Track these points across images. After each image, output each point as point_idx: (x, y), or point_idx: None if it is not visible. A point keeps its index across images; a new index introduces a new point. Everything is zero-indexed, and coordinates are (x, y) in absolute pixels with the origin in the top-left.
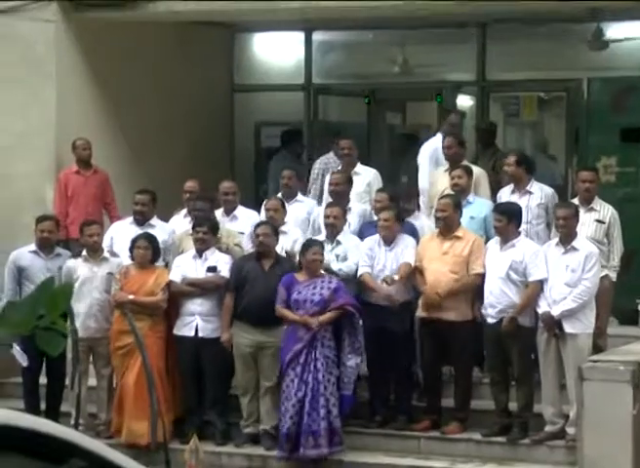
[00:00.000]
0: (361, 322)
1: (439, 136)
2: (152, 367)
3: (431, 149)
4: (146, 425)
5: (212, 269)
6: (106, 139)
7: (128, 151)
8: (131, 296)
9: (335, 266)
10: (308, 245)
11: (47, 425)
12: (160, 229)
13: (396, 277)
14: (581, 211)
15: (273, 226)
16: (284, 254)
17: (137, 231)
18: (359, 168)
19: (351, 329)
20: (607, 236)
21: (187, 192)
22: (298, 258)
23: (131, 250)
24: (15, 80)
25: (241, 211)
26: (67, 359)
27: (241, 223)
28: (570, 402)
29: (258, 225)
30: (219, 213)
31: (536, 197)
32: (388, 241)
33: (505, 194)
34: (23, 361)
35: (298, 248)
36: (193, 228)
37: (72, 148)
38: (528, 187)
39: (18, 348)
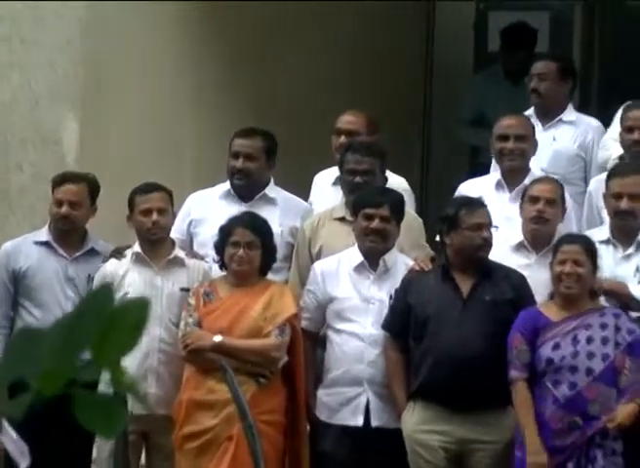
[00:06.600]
0: None
1: None
2: None
3: None
4: None
5: None
6: None
7: None
8: (218, 337)
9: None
10: None
11: None
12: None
13: None
14: None
15: None
16: None
17: (238, 210)
18: None
19: None
20: None
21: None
22: None
23: (219, 247)
24: None
25: None
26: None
27: None
28: None
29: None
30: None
31: None
32: None
33: None
34: (23, 459)
35: None
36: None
37: None
38: None
39: (12, 434)
